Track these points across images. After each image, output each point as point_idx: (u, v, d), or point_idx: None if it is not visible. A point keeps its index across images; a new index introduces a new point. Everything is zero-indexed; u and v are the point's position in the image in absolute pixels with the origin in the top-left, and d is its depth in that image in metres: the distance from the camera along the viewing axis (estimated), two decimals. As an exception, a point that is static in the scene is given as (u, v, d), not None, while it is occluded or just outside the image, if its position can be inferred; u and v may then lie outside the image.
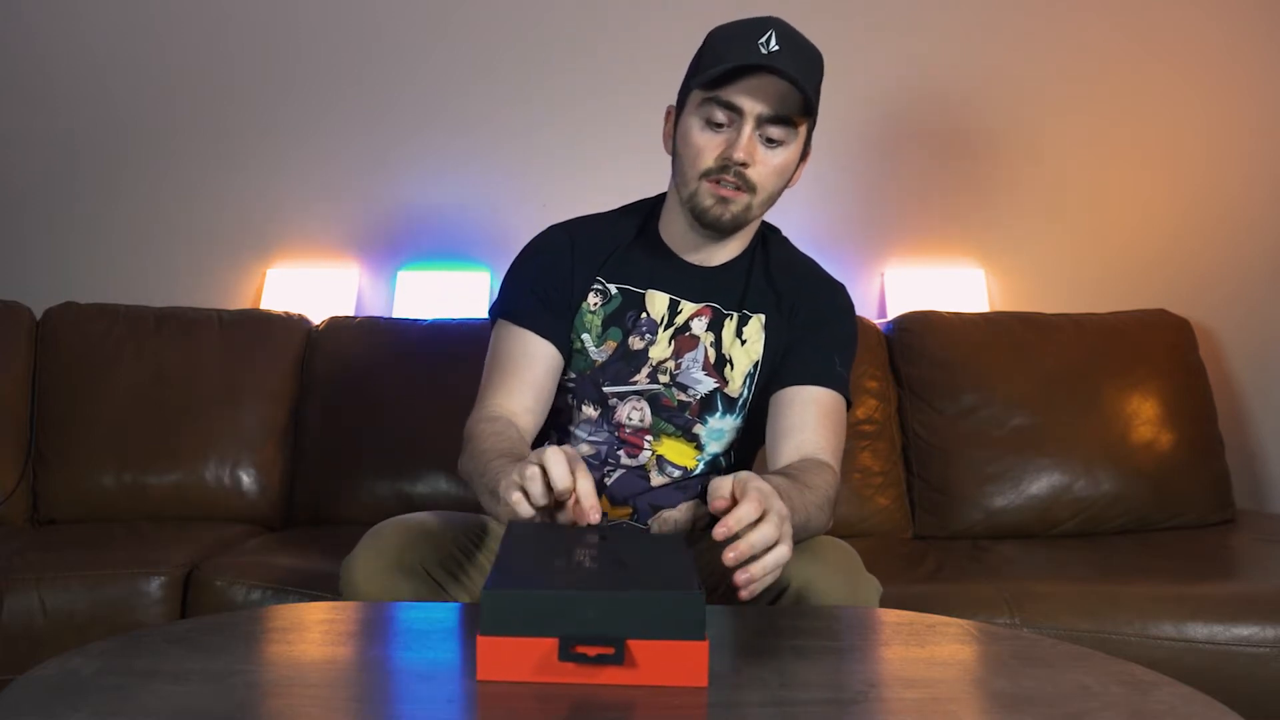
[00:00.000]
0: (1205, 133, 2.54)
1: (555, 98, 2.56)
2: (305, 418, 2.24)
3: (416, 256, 2.58)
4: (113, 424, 2.15)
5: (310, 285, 2.55)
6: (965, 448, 2.18)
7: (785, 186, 1.38)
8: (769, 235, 1.50)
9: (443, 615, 1.09)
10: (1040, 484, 2.14)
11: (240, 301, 2.56)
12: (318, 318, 2.37)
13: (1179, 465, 2.18)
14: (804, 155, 1.39)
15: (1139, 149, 2.55)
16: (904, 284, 2.55)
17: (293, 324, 2.32)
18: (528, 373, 1.38)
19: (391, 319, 2.41)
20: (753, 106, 1.28)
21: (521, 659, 0.86)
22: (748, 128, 1.29)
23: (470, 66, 2.57)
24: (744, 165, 1.30)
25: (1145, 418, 2.19)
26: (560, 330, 1.40)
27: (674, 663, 0.86)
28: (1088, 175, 2.55)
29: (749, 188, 1.32)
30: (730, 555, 0.93)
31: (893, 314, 2.42)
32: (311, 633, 1.02)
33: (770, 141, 1.31)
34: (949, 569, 1.88)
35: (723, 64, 1.27)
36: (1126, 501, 2.13)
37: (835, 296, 1.48)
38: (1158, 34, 2.53)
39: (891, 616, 1.11)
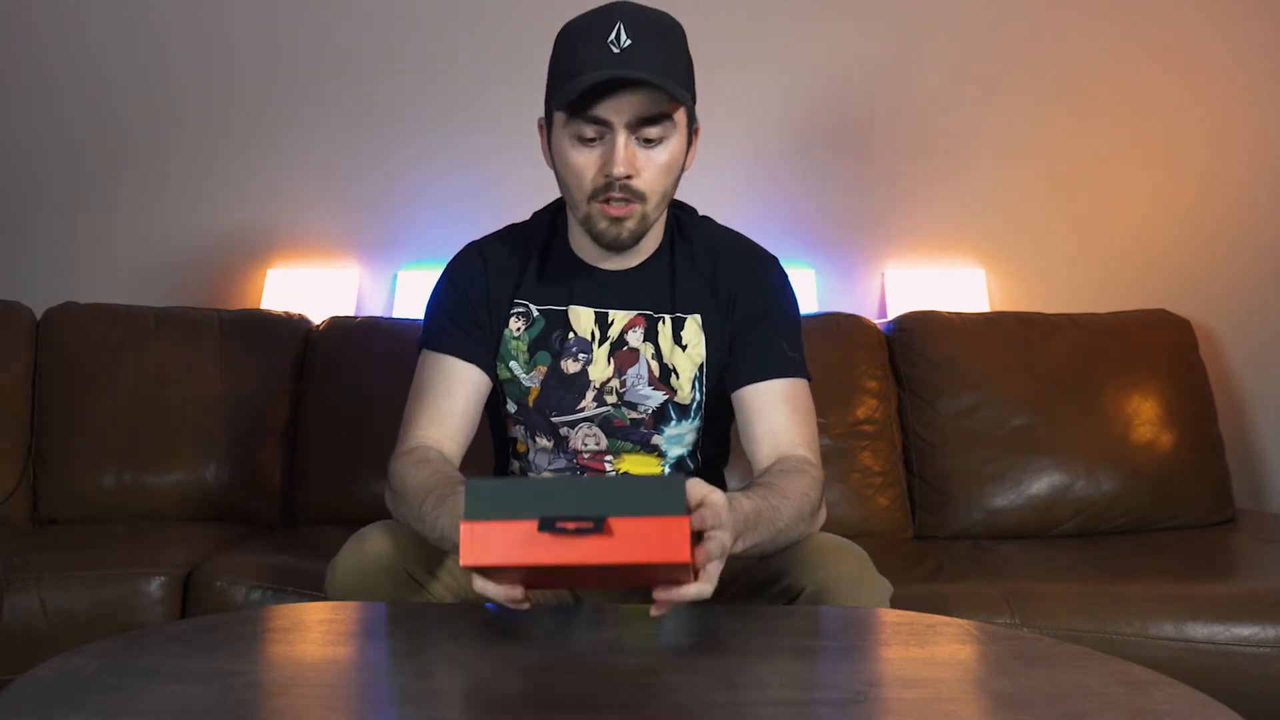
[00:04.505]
0: (1205, 133, 2.53)
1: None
2: (305, 418, 2.24)
3: (416, 256, 2.58)
4: (113, 424, 2.15)
5: (310, 285, 2.55)
6: (965, 448, 2.18)
7: (679, 176, 1.30)
8: (684, 219, 1.42)
9: (442, 615, 1.09)
10: (1040, 484, 2.14)
11: (240, 301, 2.56)
12: (318, 318, 2.37)
13: (1179, 465, 2.17)
14: (694, 132, 1.31)
15: (1139, 149, 2.55)
16: (904, 284, 2.55)
17: (293, 324, 2.32)
18: (449, 400, 1.33)
19: (391, 319, 2.41)
20: (619, 116, 1.21)
21: (503, 541, 0.87)
22: (620, 138, 1.22)
23: (471, 66, 2.57)
24: (628, 177, 1.23)
25: (1145, 418, 2.19)
26: (483, 354, 1.35)
27: (655, 538, 0.86)
28: (1088, 176, 2.55)
29: (639, 197, 1.25)
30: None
31: (893, 314, 2.42)
32: (311, 633, 1.02)
33: (649, 141, 1.23)
34: (949, 569, 1.88)
35: (575, 79, 1.20)
36: (1126, 501, 2.13)
37: (769, 276, 1.40)
38: (1158, 34, 2.53)
39: (891, 616, 1.11)
